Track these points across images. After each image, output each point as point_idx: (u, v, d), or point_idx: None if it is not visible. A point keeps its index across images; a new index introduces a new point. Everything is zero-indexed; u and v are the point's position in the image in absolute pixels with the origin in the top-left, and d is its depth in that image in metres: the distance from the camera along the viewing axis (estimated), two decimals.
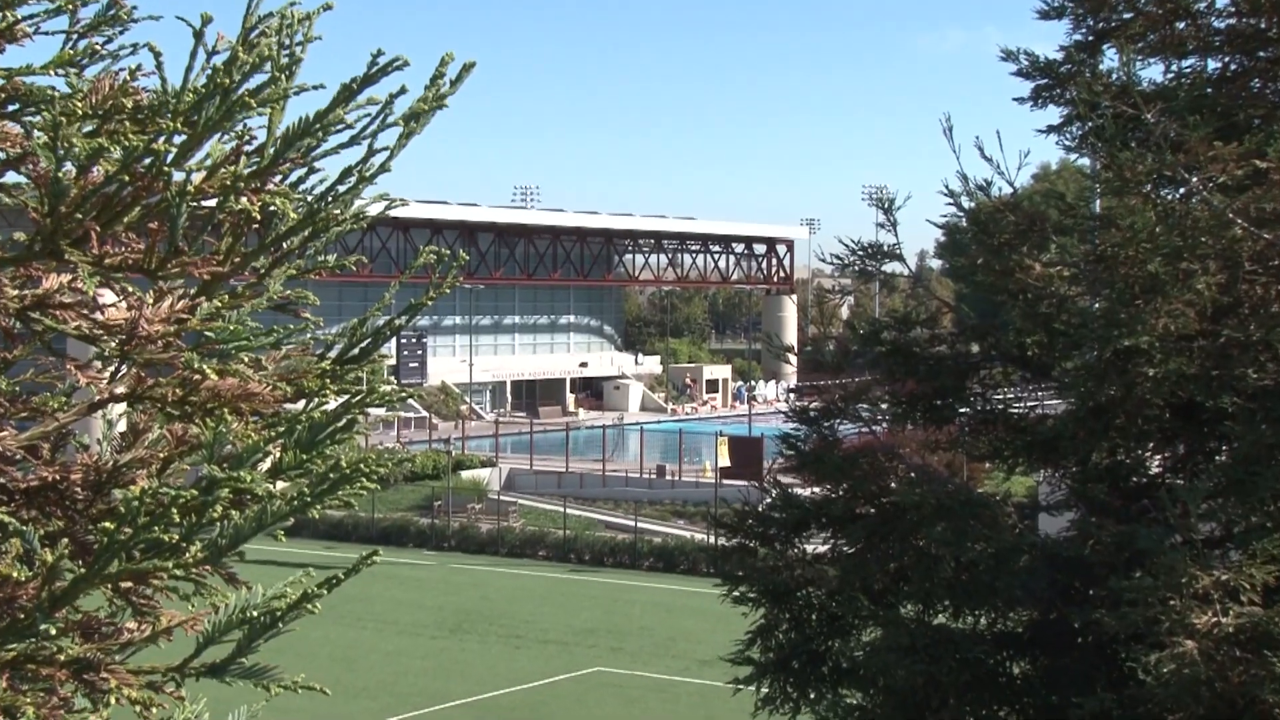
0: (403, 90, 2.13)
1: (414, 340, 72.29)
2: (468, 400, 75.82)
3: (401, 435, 61.58)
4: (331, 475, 1.80)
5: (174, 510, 1.76)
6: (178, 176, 2.04)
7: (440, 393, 75.24)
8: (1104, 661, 8.55)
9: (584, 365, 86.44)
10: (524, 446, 58.89)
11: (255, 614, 1.92)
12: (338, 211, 2.32)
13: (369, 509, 45.66)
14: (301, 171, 2.22)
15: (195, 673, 2.03)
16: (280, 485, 1.99)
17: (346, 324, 2.38)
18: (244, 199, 2.08)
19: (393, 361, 67.93)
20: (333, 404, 2.14)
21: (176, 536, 1.81)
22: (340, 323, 2.44)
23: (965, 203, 9.91)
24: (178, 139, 2.02)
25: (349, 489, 1.84)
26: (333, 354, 2.36)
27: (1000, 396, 10.19)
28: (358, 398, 2.05)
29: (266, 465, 1.99)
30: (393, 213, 2.50)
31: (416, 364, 71.91)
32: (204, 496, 1.84)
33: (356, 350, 2.33)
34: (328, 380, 2.20)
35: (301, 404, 2.21)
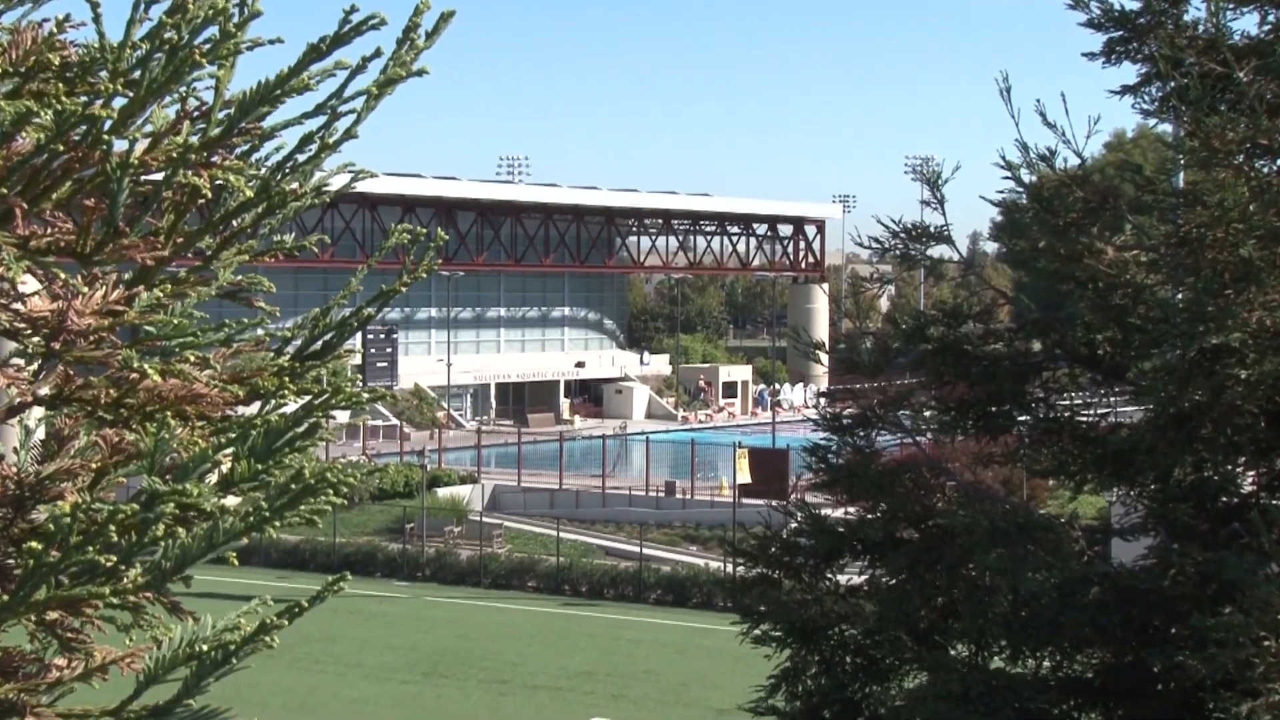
0: (377, 53, 2.16)
1: (382, 335, 72.41)
2: (445, 406, 75.93)
3: (368, 446, 61.72)
4: (293, 486, 1.82)
5: (111, 528, 1.78)
6: (119, 146, 2.06)
7: (413, 397, 75.38)
8: (1188, 711, 8.56)
9: (580, 365, 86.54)
10: (510, 460, 58.96)
11: (205, 648, 1.95)
12: (296, 185, 2.34)
13: (330, 532, 45.75)
14: (255, 140, 2.25)
15: (135, 716, 2.06)
16: (232, 500, 2.01)
17: (306, 315, 2.41)
18: (193, 173, 2.10)
19: (358, 360, 68.09)
20: (291, 406, 2.17)
21: (114, 559, 1.83)
22: (298, 314, 2.47)
23: (1025, 176, 9.93)
24: (117, 102, 2.05)
25: (312, 502, 1.86)
26: (291, 349, 2.39)
27: (1066, 402, 10.20)
28: (321, 399, 2.07)
29: (216, 477, 2.02)
30: (359, 187, 2.53)
31: (385, 363, 72.01)
32: (145, 513, 1.86)
33: (318, 345, 2.36)
34: (285, 380, 2.22)
35: (255, 407, 2.24)
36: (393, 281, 2.34)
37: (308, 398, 2.14)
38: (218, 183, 2.20)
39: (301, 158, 2.32)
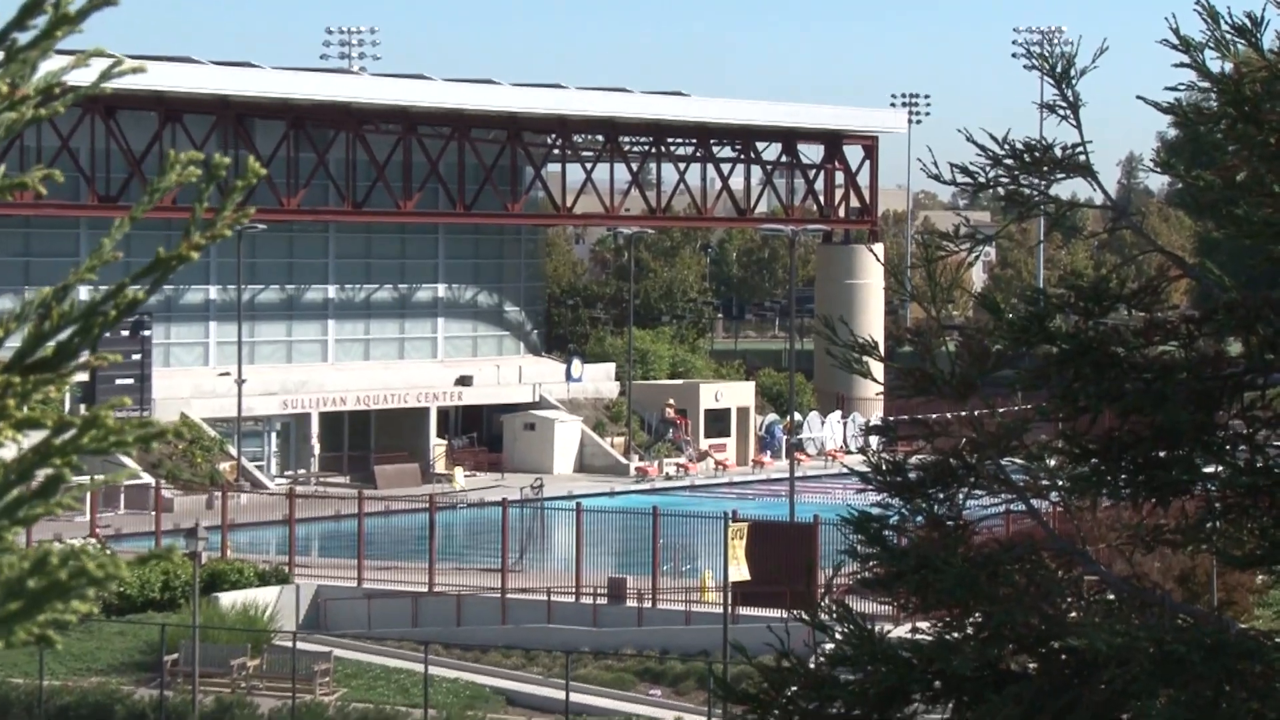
0: None
1: (125, 331, 72.03)
2: (234, 450, 75.56)
3: (98, 522, 61.29)
4: (31, 582, 1.87)
5: None
6: None
7: (180, 435, 74.90)
8: None
9: (465, 382, 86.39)
10: (345, 544, 58.69)
11: None
12: (10, 83, 2.39)
13: (30, 669, 45.39)
14: None
15: None
16: None
17: (30, 299, 2.46)
18: None
19: (84, 375, 67.39)
20: (9, 449, 2.21)
21: None
22: (17, 292, 2.52)
23: (1213, 63, 10.04)
24: None
25: (60, 609, 1.91)
26: (6, 354, 2.44)
27: None
28: (64, 436, 2.12)
29: None
30: (114, 84, 2.58)
31: (130, 377, 71.65)
32: None
33: (51, 347, 2.40)
34: (5, 403, 2.27)
35: None
36: (179, 242, 2.38)
37: (40, 433, 2.19)
38: None
39: (23, 38, 2.37)
